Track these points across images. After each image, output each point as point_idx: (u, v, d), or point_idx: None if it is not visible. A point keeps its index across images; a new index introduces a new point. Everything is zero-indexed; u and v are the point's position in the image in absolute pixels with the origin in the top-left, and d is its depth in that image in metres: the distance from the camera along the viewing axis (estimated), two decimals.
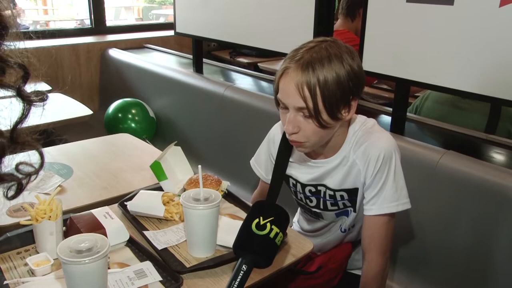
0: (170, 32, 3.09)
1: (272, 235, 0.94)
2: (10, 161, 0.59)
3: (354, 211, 1.34)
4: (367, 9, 1.81)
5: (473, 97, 1.62)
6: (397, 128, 1.85)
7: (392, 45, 1.76)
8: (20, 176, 0.61)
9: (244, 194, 1.65)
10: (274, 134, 1.42)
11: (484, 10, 1.47)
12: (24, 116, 0.60)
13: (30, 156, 0.63)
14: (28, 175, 0.62)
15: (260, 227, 0.93)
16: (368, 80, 2.69)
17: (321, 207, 1.37)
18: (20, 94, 0.60)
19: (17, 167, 0.61)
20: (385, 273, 1.29)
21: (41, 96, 0.62)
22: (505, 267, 1.44)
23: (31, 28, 6.30)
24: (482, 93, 1.54)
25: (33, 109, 0.61)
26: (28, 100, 0.60)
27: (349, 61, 1.13)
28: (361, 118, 1.30)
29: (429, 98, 2.21)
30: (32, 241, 1.13)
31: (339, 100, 1.13)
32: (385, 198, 1.23)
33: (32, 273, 1.03)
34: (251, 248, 0.92)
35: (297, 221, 1.59)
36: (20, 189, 0.62)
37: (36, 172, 0.63)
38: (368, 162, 1.23)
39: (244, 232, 0.95)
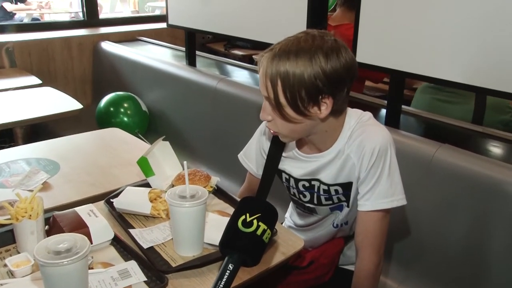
0: (163, 25, 3.05)
1: (259, 232, 0.90)
2: None
3: (348, 206, 1.31)
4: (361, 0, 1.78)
5: (468, 88, 1.59)
6: (392, 121, 1.82)
7: (386, 36, 1.73)
8: None
9: (237, 189, 1.62)
10: (266, 128, 1.38)
11: (479, 0, 1.44)
12: None
13: None
14: None
15: (247, 224, 0.90)
16: (378, 75, 2.66)
17: (315, 202, 1.34)
18: None
19: None
20: (379, 270, 1.26)
21: None
22: (500, 261, 1.41)
23: (25, 21, 6.25)
24: (476, 85, 1.51)
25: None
26: None
27: (321, 60, 1.07)
28: (357, 112, 1.26)
29: (418, 88, 2.24)
30: (13, 241, 1.10)
31: (303, 97, 1.09)
32: (380, 194, 1.19)
33: (11, 274, 1.00)
34: (237, 246, 0.89)
35: (289, 216, 1.56)
36: None
37: None
38: (363, 156, 1.20)
39: (230, 230, 0.91)
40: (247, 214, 0.93)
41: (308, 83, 1.08)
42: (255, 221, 0.92)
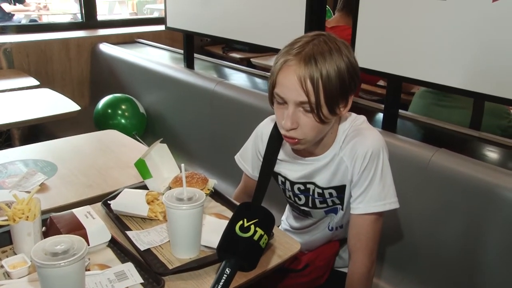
0: (162, 27, 3.05)
1: (256, 237, 0.91)
2: None
3: (342, 209, 1.31)
4: (359, 4, 1.78)
5: (465, 94, 1.59)
6: (389, 125, 1.82)
7: (384, 40, 1.73)
8: None
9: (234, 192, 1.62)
10: (262, 131, 1.39)
11: (477, 5, 1.45)
12: None
13: None
14: None
15: (244, 229, 0.91)
16: (372, 79, 2.68)
17: (310, 205, 1.35)
18: None
19: None
20: (371, 273, 1.26)
21: None
22: (494, 265, 1.42)
23: (23, 22, 6.24)
24: (474, 90, 1.52)
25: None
26: None
27: (347, 55, 1.12)
28: (351, 115, 1.28)
29: (416, 93, 2.24)
30: (10, 242, 1.10)
31: (339, 95, 1.12)
32: (372, 197, 1.20)
33: (8, 275, 1.00)
34: (235, 251, 0.90)
35: (285, 218, 1.56)
36: None
37: None
38: (355, 159, 1.20)
39: (228, 235, 0.92)
40: (245, 220, 0.94)
41: (343, 78, 1.11)
42: (252, 227, 0.93)
